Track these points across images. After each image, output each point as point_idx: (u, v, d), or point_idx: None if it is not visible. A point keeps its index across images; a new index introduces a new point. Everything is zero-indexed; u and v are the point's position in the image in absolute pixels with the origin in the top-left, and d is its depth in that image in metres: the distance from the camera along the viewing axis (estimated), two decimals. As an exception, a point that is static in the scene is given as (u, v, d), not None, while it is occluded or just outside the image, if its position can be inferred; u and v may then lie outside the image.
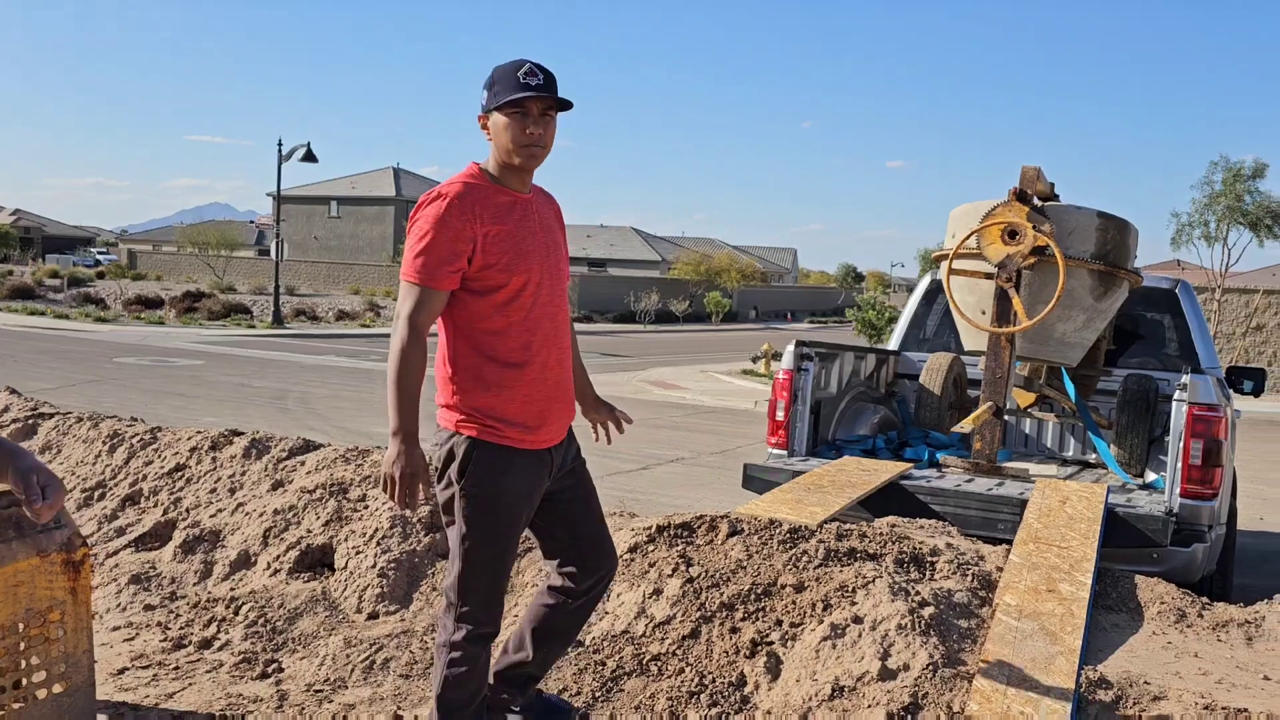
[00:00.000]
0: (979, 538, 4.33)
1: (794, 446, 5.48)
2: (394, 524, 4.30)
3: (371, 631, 3.82)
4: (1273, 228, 24.80)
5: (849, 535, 3.83)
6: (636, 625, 3.55)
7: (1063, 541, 3.94)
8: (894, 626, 3.21)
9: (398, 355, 2.58)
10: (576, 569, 2.90)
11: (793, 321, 53.84)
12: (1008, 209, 5.20)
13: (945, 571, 3.63)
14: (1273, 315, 22.37)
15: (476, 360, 2.67)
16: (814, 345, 5.68)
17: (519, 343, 2.68)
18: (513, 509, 2.69)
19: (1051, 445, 6.48)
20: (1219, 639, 3.37)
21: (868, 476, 4.80)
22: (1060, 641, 3.16)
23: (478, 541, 2.66)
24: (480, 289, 2.63)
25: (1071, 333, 5.49)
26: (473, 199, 2.61)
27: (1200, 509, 4.56)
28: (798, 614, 3.40)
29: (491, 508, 2.66)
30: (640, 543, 3.94)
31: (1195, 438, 4.53)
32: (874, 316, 24.71)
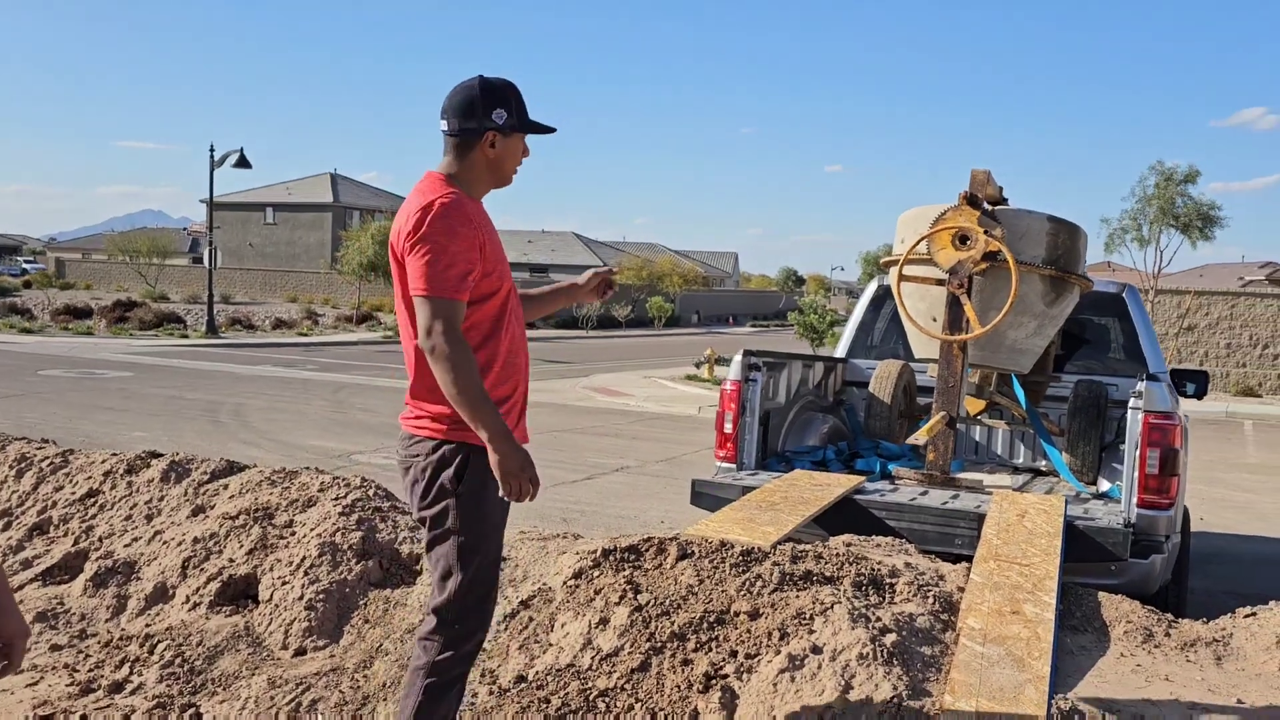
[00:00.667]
0: (936, 554, 4.18)
1: (743, 459, 5.31)
2: (323, 551, 4.04)
3: (298, 670, 3.56)
4: (1203, 230, 25.31)
5: (804, 557, 3.65)
6: (582, 658, 3.33)
7: (1024, 558, 3.81)
8: (855, 656, 3.03)
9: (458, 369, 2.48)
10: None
11: (735, 325, 53.93)
12: (958, 213, 5.08)
13: (905, 594, 3.47)
14: (1203, 316, 22.82)
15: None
16: (761, 354, 5.51)
17: (505, 348, 2.69)
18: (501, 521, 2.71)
19: (1002, 453, 6.39)
20: (1188, 659, 3.25)
21: (820, 492, 4.64)
22: (1028, 668, 3.01)
23: (479, 548, 2.64)
24: (476, 297, 2.61)
25: (1023, 339, 5.38)
26: (470, 208, 2.61)
27: (1158, 519, 4.46)
28: (753, 644, 3.21)
29: (489, 513, 2.65)
30: (585, 568, 3.73)
31: (1152, 446, 4.44)
32: (816, 320, 24.74)
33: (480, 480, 2.61)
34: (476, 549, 2.63)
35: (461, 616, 2.65)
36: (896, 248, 5.68)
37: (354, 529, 4.15)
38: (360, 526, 4.18)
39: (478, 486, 2.61)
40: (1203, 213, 25.12)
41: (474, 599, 2.65)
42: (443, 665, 2.64)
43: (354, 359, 23.71)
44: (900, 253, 5.44)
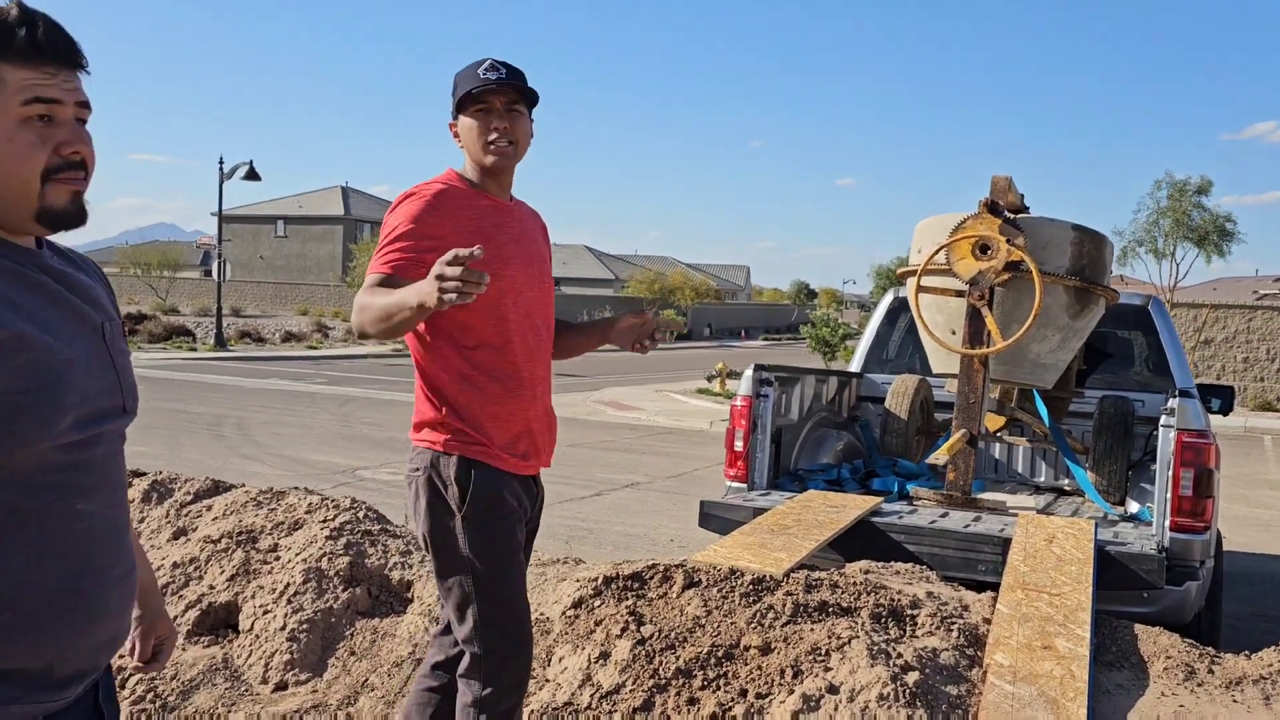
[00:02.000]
0: (958, 580, 3.94)
1: (754, 479, 5.07)
2: (308, 578, 3.81)
3: (279, 706, 3.34)
4: (1219, 244, 24.99)
5: (819, 586, 3.41)
6: (581, 695, 3.10)
7: (1054, 587, 3.56)
8: (875, 696, 2.80)
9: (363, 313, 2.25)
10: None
11: (747, 339, 53.68)
12: (979, 221, 4.85)
13: (928, 627, 3.23)
14: (1220, 329, 22.50)
15: (458, 372, 2.42)
16: (774, 369, 5.28)
17: (500, 353, 2.44)
18: (513, 531, 2.45)
19: (1022, 471, 6.15)
20: (1234, 699, 3.00)
21: (835, 514, 4.40)
22: (1063, 710, 2.77)
23: (494, 570, 2.40)
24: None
25: (1047, 353, 5.15)
26: (449, 196, 2.42)
27: (1192, 544, 4.21)
28: (764, 682, 2.97)
29: (499, 529, 2.42)
30: (586, 596, 3.50)
31: (1186, 466, 4.20)
32: (828, 333, 24.52)
33: (485, 495, 2.40)
34: (492, 572, 2.41)
35: (492, 648, 2.42)
36: (913, 258, 5.46)
37: (341, 553, 3.93)
38: (348, 551, 3.96)
39: (483, 502, 2.40)
40: (1218, 225, 24.80)
41: (501, 626, 2.42)
42: (489, 701, 2.43)
43: (363, 372, 23.56)
44: (918, 263, 5.21)
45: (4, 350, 1.30)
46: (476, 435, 2.41)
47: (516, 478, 2.47)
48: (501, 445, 2.43)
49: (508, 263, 2.46)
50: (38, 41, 1.36)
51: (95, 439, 1.44)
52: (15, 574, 1.36)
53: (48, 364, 1.35)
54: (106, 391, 1.47)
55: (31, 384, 1.32)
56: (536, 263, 2.58)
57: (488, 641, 2.43)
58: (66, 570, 1.41)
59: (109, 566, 1.48)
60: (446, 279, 1.94)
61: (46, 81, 1.38)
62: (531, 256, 2.56)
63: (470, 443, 2.41)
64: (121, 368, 1.51)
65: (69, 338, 1.41)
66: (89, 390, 1.42)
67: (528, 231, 2.60)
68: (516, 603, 2.47)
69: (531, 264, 2.55)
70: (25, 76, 1.36)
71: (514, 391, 2.46)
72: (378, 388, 19.79)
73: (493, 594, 2.42)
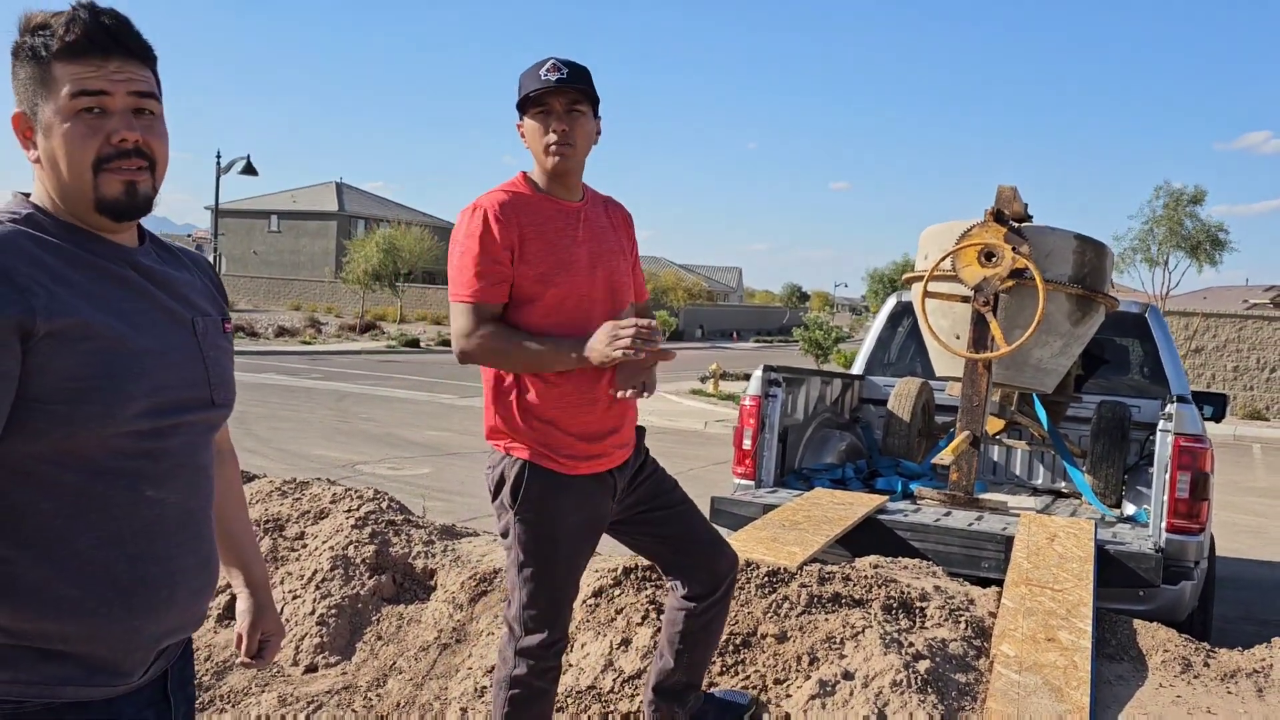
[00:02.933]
0: (963, 576, 4.08)
1: (762, 477, 5.21)
2: (335, 565, 3.94)
3: (309, 687, 3.46)
4: (1210, 253, 25.23)
5: (832, 579, 3.55)
6: (604, 680, 3.23)
7: (1056, 583, 3.71)
8: (889, 683, 2.93)
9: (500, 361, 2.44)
10: (682, 579, 2.80)
11: (739, 341, 53.82)
12: (985, 230, 4.99)
13: (937, 619, 3.37)
14: (1211, 338, 22.72)
15: (523, 382, 2.51)
16: (781, 369, 5.42)
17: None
18: (571, 536, 2.55)
19: (1020, 473, 6.29)
20: (1229, 691, 3.15)
21: (843, 511, 4.54)
22: (1067, 698, 2.91)
23: (536, 573, 2.54)
24: (520, 300, 2.47)
25: (1048, 358, 5.29)
26: (511, 206, 2.46)
27: (1187, 545, 4.36)
28: (782, 668, 3.11)
29: (549, 535, 2.52)
30: (605, 586, 3.62)
31: (1182, 470, 4.34)
32: (821, 336, 24.68)
33: (540, 502, 2.51)
34: (536, 567, 2.55)
35: (529, 629, 2.58)
36: (919, 263, 5.60)
37: (367, 542, 4.05)
38: (373, 540, 4.08)
39: (537, 508, 2.52)
40: (1211, 235, 25.04)
41: (539, 611, 2.57)
42: (520, 677, 2.58)
43: (358, 368, 23.62)
44: (924, 268, 5.35)
45: (68, 337, 1.36)
46: (537, 441, 2.50)
47: (585, 477, 2.55)
48: (564, 451, 2.51)
49: (570, 269, 2.50)
50: (81, 34, 1.41)
51: (173, 429, 1.49)
52: (81, 555, 1.40)
53: (116, 352, 1.40)
54: (190, 383, 1.51)
55: (97, 370, 1.38)
56: (606, 259, 2.60)
57: (528, 624, 2.57)
58: (132, 556, 1.45)
59: (179, 556, 1.51)
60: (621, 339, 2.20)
61: (92, 73, 1.42)
62: (600, 258, 2.59)
63: (532, 448, 2.51)
64: (212, 361, 1.56)
65: (147, 329, 1.47)
66: (166, 381, 1.47)
67: (599, 229, 2.63)
68: (558, 596, 2.59)
69: (598, 267, 2.58)
70: (72, 71, 1.42)
71: (580, 394, 2.52)
72: (372, 384, 19.86)
73: (536, 593, 2.56)
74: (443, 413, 15.99)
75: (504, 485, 2.53)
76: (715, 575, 2.79)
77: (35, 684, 1.40)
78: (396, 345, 31.09)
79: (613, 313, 2.57)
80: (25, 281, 1.35)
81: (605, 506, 2.63)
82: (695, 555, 2.78)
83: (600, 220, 2.65)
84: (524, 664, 2.57)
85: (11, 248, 1.38)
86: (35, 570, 1.39)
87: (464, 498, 8.97)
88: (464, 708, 3.23)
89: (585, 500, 2.57)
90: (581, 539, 2.59)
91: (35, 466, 1.39)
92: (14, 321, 1.33)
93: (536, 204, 2.52)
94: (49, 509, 1.39)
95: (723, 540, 2.86)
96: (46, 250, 1.41)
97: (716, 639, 2.91)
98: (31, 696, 1.40)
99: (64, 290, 1.39)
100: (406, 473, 10.19)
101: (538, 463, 2.51)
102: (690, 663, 2.86)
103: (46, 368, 1.35)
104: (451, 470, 10.56)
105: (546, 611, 2.57)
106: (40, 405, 1.36)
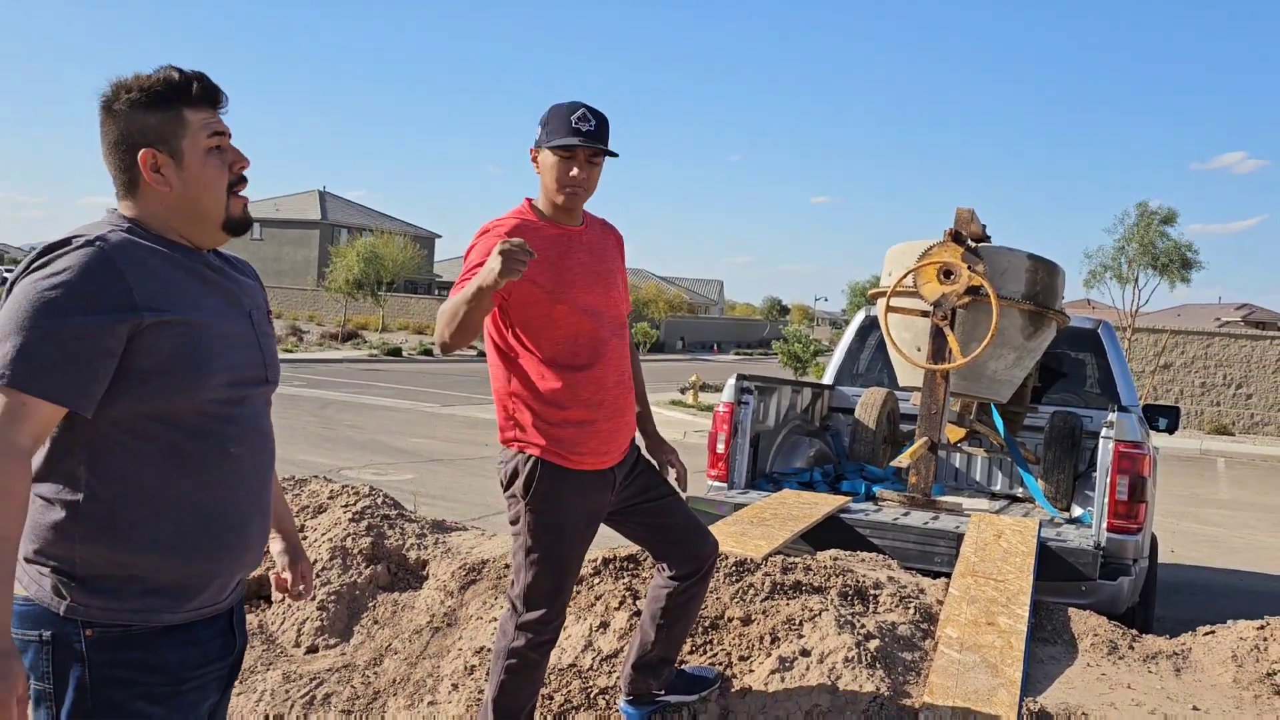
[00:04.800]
0: (917, 570, 4.41)
1: (734, 478, 5.53)
2: (334, 555, 4.23)
3: (311, 666, 3.75)
4: (1181, 271, 25.76)
5: (794, 568, 3.87)
6: (584, 658, 3.54)
7: (999, 575, 4.04)
8: (841, 659, 3.25)
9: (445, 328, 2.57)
10: (668, 562, 3.11)
11: (719, 353, 54.25)
12: (943, 249, 5.34)
13: (888, 605, 3.70)
14: (1179, 355, 23.26)
15: (532, 388, 2.81)
16: (753, 379, 5.75)
17: (574, 371, 2.81)
18: (575, 527, 2.87)
19: (980, 479, 6.64)
20: (1150, 670, 3.48)
21: (808, 509, 4.87)
22: (1001, 674, 3.24)
23: (541, 556, 2.85)
24: (531, 319, 2.77)
25: (1002, 370, 5.64)
26: (519, 231, 2.75)
27: (1126, 543, 4.70)
28: (746, 646, 3.42)
29: (556, 524, 2.84)
30: (586, 575, 3.93)
31: (1121, 474, 4.69)
32: (800, 349, 25.06)
33: (548, 495, 2.81)
34: (542, 551, 2.84)
35: (530, 606, 2.88)
36: (884, 280, 5.94)
37: (364, 534, 4.35)
38: (369, 533, 4.38)
39: (546, 500, 2.81)
40: (1180, 254, 25.59)
41: (540, 593, 2.87)
42: (518, 649, 2.88)
43: (340, 376, 23.83)
44: (888, 285, 5.70)
45: (167, 325, 1.73)
46: (546, 440, 2.81)
47: (586, 472, 2.85)
48: (568, 447, 2.81)
49: (572, 286, 2.80)
50: (206, 89, 1.83)
51: (244, 399, 1.86)
52: (175, 500, 1.76)
53: (200, 337, 1.77)
54: (253, 363, 1.89)
55: (188, 351, 1.74)
56: (604, 281, 2.90)
57: (529, 602, 2.89)
58: (217, 500, 1.81)
59: (251, 502, 1.89)
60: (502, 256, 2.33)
61: (214, 119, 1.85)
62: (599, 274, 2.89)
63: (541, 446, 2.81)
64: (266, 346, 1.95)
65: (221, 319, 1.84)
66: (236, 360, 1.84)
67: (597, 250, 2.92)
68: (560, 578, 2.90)
69: (598, 281, 2.88)
70: (203, 117, 1.83)
71: (581, 398, 2.81)
72: (355, 391, 20.09)
73: (540, 576, 2.87)
74: (425, 421, 16.25)
75: (516, 478, 2.83)
76: (698, 559, 3.11)
77: (140, 611, 1.74)
78: (379, 354, 31.30)
79: (608, 328, 2.87)
80: (136, 282, 1.71)
81: (605, 498, 2.94)
82: (681, 542, 3.09)
83: (598, 242, 2.95)
84: (523, 637, 2.89)
85: (128, 253, 1.73)
86: (138, 512, 1.73)
87: (448, 502, 9.24)
88: (455, 684, 3.52)
89: (588, 493, 2.88)
90: (584, 527, 2.91)
91: (143, 425, 1.73)
92: (126, 316, 1.69)
93: (540, 230, 2.81)
94: (152, 460, 1.74)
95: (704, 528, 3.17)
96: (150, 255, 1.77)
97: (694, 616, 3.22)
98: (137, 621, 1.74)
99: (165, 289, 1.75)
100: (391, 478, 10.44)
101: (547, 459, 2.81)
102: (669, 638, 3.16)
103: (151, 348, 1.71)
104: (434, 476, 10.83)
105: (548, 592, 2.88)
106: (146, 375, 1.72)
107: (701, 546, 3.11)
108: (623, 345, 2.96)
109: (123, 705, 1.71)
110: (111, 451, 1.73)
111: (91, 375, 1.66)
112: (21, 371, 1.61)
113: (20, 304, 1.65)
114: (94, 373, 1.67)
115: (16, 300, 1.66)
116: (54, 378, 1.63)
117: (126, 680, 1.72)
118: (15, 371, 1.61)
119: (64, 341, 1.63)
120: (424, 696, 3.48)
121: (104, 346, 1.67)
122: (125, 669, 1.72)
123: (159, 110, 1.79)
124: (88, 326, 1.65)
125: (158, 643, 1.76)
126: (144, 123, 1.79)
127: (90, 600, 1.71)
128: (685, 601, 3.13)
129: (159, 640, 1.76)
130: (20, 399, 1.62)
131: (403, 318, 48.10)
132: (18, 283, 1.70)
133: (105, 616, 1.71)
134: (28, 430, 1.63)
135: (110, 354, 1.68)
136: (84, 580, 1.71)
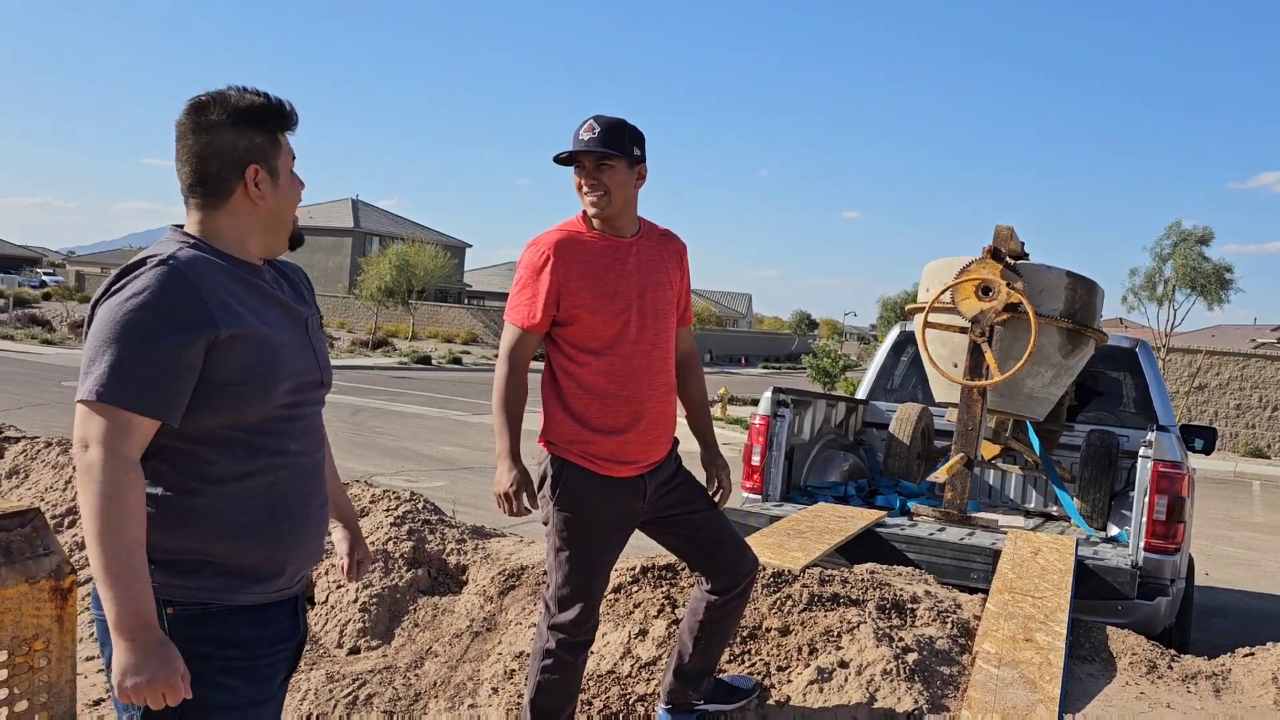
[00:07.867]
0: (953, 585, 4.41)
1: (769, 491, 5.56)
2: (376, 559, 4.29)
3: (354, 667, 3.80)
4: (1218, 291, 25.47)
5: (831, 581, 3.89)
6: (622, 665, 3.57)
7: (1037, 592, 4.04)
8: (879, 671, 3.27)
9: (498, 386, 2.93)
10: (705, 576, 3.12)
11: (747, 366, 54.14)
12: (982, 265, 5.35)
13: (926, 619, 3.71)
14: (1214, 375, 23.00)
15: (568, 395, 2.89)
16: (789, 392, 5.77)
17: (610, 381, 2.88)
18: (602, 529, 2.93)
19: (1014, 497, 6.62)
20: (1189, 690, 3.47)
21: (844, 523, 4.88)
22: (1040, 690, 3.24)
23: (570, 557, 2.92)
24: (571, 328, 2.87)
25: (1040, 388, 5.64)
26: (567, 246, 2.85)
27: (1163, 563, 4.69)
28: (784, 657, 3.45)
29: (583, 527, 2.90)
30: (624, 583, 3.97)
31: (1160, 494, 4.67)
32: (829, 364, 25.00)
33: (576, 498, 2.90)
34: (570, 551, 2.91)
35: (561, 606, 2.94)
36: (921, 296, 5.96)
37: (405, 539, 4.41)
38: (410, 537, 4.44)
39: (573, 503, 2.90)
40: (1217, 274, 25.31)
41: (570, 593, 2.92)
42: (551, 649, 2.94)
43: (371, 383, 24.01)
44: (925, 300, 5.71)
45: (244, 341, 1.86)
46: (577, 448, 2.89)
47: (616, 479, 2.92)
48: (597, 455, 2.89)
49: (614, 299, 2.86)
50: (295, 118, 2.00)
51: (303, 402, 2.00)
52: (248, 493, 1.90)
53: (269, 349, 1.90)
54: (310, 369, 2.02)
55: (257, 361, 1.88)
56: (653, 293, 2.93)
57: (560, 603, 2.94)
58: (283, 494, 1.95)
59: (313, 494, 2.03)
60: (512, 513, 2.83)
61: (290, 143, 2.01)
62: (648, 288, 2.92)
63: (572, 452, 2.90)
64: (320, 351, 2.08)
65: (282, 329, 1.96)
66: (297, 367, 1.97)
67: (649, 261, 2.95)
68: (588, 579, 2.94)
69: (646, 296, 2.91)
70: (290, 141, 2.00)
71: (616, 411, 2.89)
72: (386, 399, 20.23)
73: (569, 577, 2.93)
74: (455, 429, 16.35)
75: (546, 480, 2.93)
76: (736, 575, 3.12)
77: (219, 591, 1.89)
78: (409, 362, 31.51)
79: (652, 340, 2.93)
80: (209, 297, 1.83)
81: (635, 505, 2.99)
82: (720, 557, 3.11)
83: (653, 253, 2.98)
84: (555, 638, 2.94)
85: (199, 270, 1.85)
86: (217, 504, 1.88)
87: (477, 510, 9.29)
88: (494, 688, 3.57)
89: (615, 498, 2.94)
90: (611, 530, 2.96)
91: (220, 432, 1.87)
92: (204, 331, 1.82)
93: (590, 241, 2.89)
94: (227, 460, 1.88)
95: (745, 545, 3.18)
96: (218, 270, 1.89)
97: (732, 630, 3.24)
98: (216, 600, 1.88)
99: (234, 303, 1.87)
100: (422, 485, 10.52)
101: (576, 463, 2.90)
102: (706, 649, 3.19)
103: (225, 360, 1.84)
104: (465, 484, 10.90)
105: (577, 591, 2.92)
106: (221, 387, 1.85)
107: (740, 563, 3.12)
108: (666, 357, 2.99)
109: (202, 677, 1.84)
110: (189, 452, 1.86)
111: (180, 389, 1.80)
112: (121, 391, 1.75)
113: (108, 326, 1.77)
114: (182, 386, 1.80)
115: (104, 322, 1.78)
116: (149, 394, 1.77)
117: (206, 654, 1.86)
118: (116, 391, 1.75)
119: (155, 359, 1.77)
120: (464, 699, 3.53)
121: (188, 361, 1.80)
122: (204, 644, 1.86)
123: (263, 131, 1.94)
124: (173, 344, 1.78)
125: (233, 621, 1.89)
126: (250, 141, 1.92)
127: (170, 580, 1.85)
128: (722, 616, 3.16)
129: (234, 618, 1.89)
130: (125, 416, 1.76)
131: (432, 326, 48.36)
132: (100, 305, 1.82)
133: (184, 595, 1.86)
134: (135, 443, 1.78)
135: (193, 368, 1.81)
136: (163, 564, 1.85)
